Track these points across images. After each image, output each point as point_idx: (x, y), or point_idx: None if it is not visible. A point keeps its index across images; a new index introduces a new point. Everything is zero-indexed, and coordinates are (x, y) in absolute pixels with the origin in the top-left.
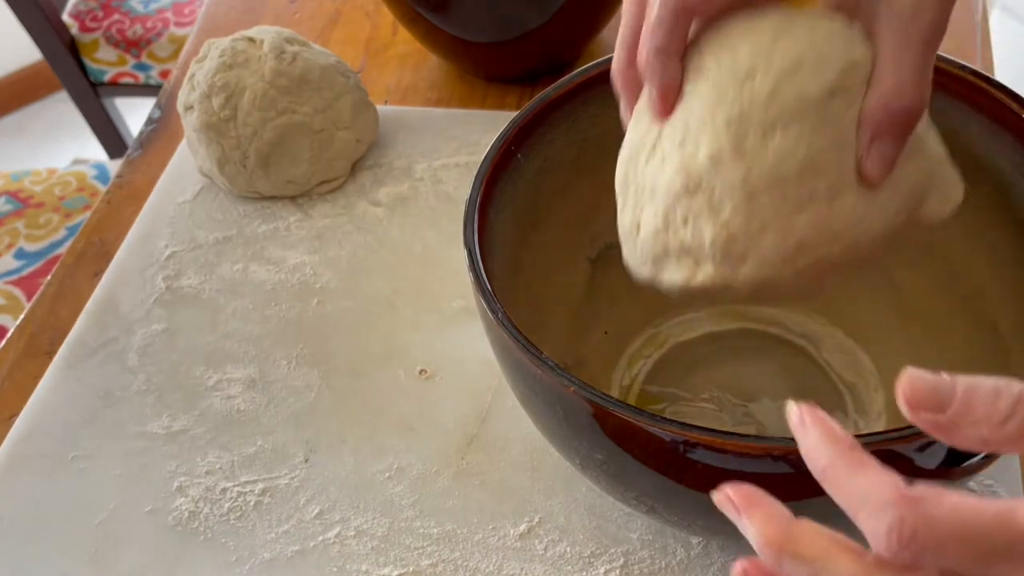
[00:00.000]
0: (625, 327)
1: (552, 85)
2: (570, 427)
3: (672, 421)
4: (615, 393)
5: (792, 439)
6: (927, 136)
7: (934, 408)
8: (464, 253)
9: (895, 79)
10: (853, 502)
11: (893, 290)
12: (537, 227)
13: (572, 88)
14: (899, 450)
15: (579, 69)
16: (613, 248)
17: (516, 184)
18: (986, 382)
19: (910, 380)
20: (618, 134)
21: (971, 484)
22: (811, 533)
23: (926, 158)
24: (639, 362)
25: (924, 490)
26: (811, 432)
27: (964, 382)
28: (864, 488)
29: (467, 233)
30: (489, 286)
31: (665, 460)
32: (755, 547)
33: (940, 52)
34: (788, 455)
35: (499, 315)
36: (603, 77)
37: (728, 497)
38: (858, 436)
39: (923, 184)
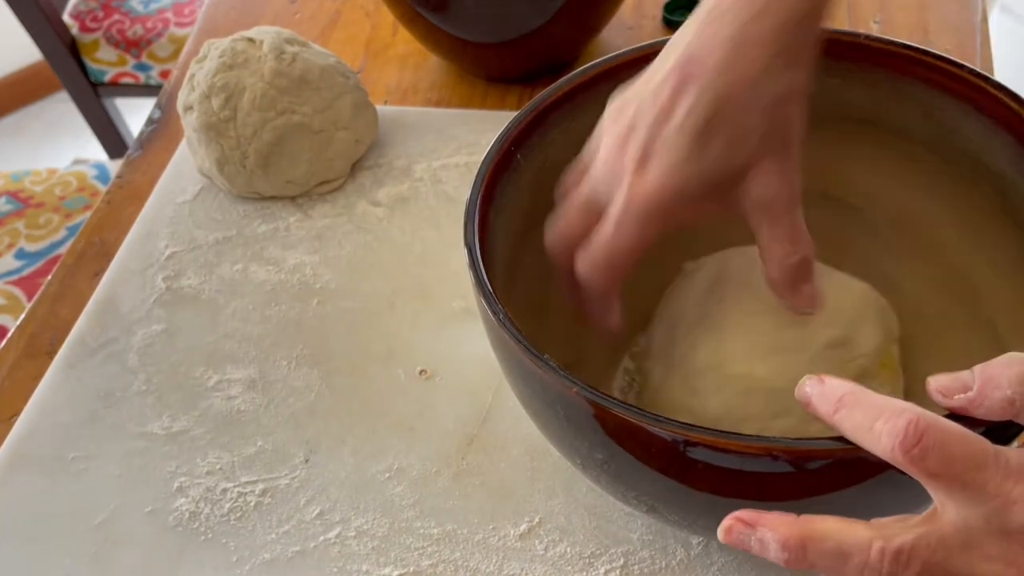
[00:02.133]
0: (626, 325)
1: (551, 85)
2: (571, 427)
3: (673, 420)
4: (615, 391)
5: (792, 439)
6: None
7: (963, 389)
8: (464, 253)
9: (780, 248)
10: (871, 414)
11: (892, 290)
12: (538, 226)
13: (571, 89)
14: None
15: (579, 69)
16: None
17: (517, 184)
18: (998, 359)
19: (935, 378)
20: None
21: None
22: (820, 519)
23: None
24: (640, 360)
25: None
26: (827, 379)
27: (978, 366)
28: (882, 402)
29: (467, 233)
30: (490, 286)
31: (666, 459)
32: (776, 552)
33: (940, 52)
34: (788, 453)
35: (500, 316)
36: (602, 77)
37: (735, 519)
38: None
39: None
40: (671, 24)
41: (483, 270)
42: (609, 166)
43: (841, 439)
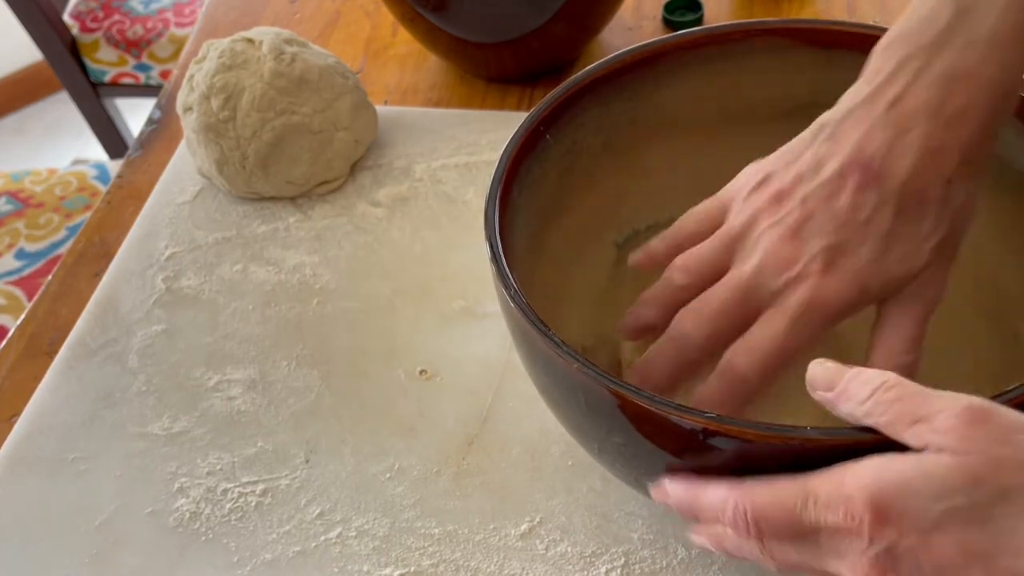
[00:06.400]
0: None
1: (584, 70)
2: (591, 413)
3: (694, 410)
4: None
5: (812, 430)
6: None
7: (824, 388)
8: (485, 245)
9: (900, 346)
10: (712, 516)
11: None
12: (563, 210)
13: (605, 73)
14: None
15: (614, 55)
16: (640, 234)
17: (543, 165)
18: (868, 373)
19: (813, 365)
20: (650, 120)
21: None
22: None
23: None
24: None
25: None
26: (670, 490)
27: (851, 372)
28: (711, 501)
29: (489, 209)
30: (508, 270)
31: (683, 444)
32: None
33: None
34: (808, 444)
35: (517, 299)
36: (638, 63)
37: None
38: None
39: None
40: (671, 24)
41: (503, 254)
42: (783, 259)
43: (864, 429)
